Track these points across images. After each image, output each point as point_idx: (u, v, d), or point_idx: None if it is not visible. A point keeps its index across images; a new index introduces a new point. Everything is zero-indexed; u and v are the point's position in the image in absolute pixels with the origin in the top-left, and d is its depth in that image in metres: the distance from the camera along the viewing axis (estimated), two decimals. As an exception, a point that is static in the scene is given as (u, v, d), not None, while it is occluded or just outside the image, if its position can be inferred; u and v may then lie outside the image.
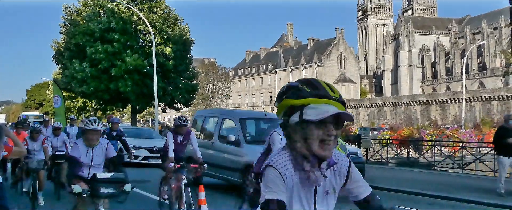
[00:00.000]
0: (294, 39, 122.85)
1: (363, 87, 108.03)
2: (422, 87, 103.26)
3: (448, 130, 25.08)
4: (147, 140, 17.98)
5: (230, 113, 12.66)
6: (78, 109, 54.97)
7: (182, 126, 7.35)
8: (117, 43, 30.87)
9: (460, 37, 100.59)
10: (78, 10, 34.40)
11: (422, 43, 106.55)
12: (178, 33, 33.68)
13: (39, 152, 9.01)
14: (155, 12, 33.11)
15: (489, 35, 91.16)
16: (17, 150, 4.29)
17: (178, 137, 7.46)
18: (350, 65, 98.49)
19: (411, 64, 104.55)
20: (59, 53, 35.34)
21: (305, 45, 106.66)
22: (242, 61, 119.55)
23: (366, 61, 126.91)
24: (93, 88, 31.35)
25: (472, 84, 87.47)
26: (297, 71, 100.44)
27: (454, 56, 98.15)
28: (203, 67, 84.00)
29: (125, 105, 37.79)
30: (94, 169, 5.29)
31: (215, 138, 11.00)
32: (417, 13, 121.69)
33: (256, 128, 11.08)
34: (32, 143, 8.97)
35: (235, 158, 9.96)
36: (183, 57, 34.49)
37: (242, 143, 10.01)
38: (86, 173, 5.27)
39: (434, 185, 12.16)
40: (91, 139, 5.25)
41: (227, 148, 10.40)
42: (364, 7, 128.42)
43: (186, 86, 35.09)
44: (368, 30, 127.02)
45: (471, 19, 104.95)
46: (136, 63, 30.59)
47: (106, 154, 5.38)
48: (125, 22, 31.60)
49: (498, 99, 69.87)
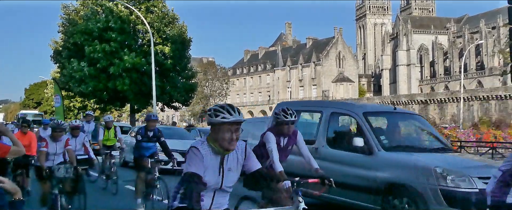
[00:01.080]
0: (293, 38, 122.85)
1: (362, 86, 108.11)
2: (420, 86, 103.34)
3: (446, 129, 25.13)
4: (180, 142, 14.72)
5: (345, 106, 8.84)
6: (78, 108, 55.02)
7: (288, 123, 5.14)
8: (115, 42, 30.85)
9: (459, 36, 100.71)
10: (77, 10, 34.36)
11: (420, 42, 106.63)
12: (176, 32, 33.66)
13: (58, 156, 7.43)
14: (153, 11, 33.09)
15: (487, 34, 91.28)
16: (16, 150, 4.25)
17: (281, 139, 5.33)
18: (348, 64, 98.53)
19: (410, 64, 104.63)
20: (58, 52, 35.32)
21: (303, 44, 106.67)
22: (241, 60, 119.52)
23: (365, 60, 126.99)
24: (92, 88, 31.32)
25: (470, 84, 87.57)
26: (296, 70, 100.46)
27: (453, 55, 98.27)
28: (201, 66, 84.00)
29: (124, 104, 37.80)
30: None
31: (321, 141, 7.85)
32: (415, 12, 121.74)
33: (389, 127, 8.25)
34: (53, 144, 7.28)
35: (366, 173, 6.96)
36: (182, 56, 34.49)
37: (377, 150, 6.99)
38: None
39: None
40: None
41: (347, 157, 7.35)
42: (363, 7, 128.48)
43: (184, 85, 35.09)
44: (367, 29, 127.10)
45: (470, 19, 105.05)
46: (134, 61, 30.57)
47: None
48: (123, 22, 31.57)
49: (496, 98, 69.96)
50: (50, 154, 7.24)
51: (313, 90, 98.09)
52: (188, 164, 2.86)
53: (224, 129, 2.86)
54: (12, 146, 4.24)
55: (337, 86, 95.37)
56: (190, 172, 2.82)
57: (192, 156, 2.87)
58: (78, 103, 54.46)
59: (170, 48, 32.61)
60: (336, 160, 7.32)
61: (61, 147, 7.35)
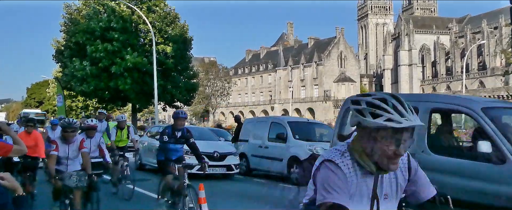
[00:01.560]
0: (294, 38, 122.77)
1: (363, 87, 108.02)
2: (422, 86, 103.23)
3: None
4: (206, 143, 13.07)
5: (451, 100, 7.02)
6: (80, 108, 55.09)
7: None
8: (117, 41, 30.86)
9: (460, 36, 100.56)
10: (79, 9, 34.37)
11: (422, 42, 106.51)
12: (178, 32, 33.67)
13: (73, 160, 6.45)
14: (154, 11, 33.09)
15: (489, 34, 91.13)
16: (17, 149, 4.25)
17: None
18: (350, 64, 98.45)
19: (411, 64, 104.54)
20: (59, 51, 35.35)
21: (305, 44, 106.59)
22: (242, 60, 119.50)
23: (366, 60, 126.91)
24: (93, 87, 31.33)
25: (472, 84, 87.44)
26: (297, 70, 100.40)
27: (454, 55, 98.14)
28: (203, 66, 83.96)
29: (125, 103, 37.80)
30: None
31: (421, 146, 6.08)
32: (417, 12, 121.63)
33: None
34: (64, 146, 6.31)
35: (495, 189, 5.24)
36: (183, 56, 34.49)
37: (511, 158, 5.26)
38: None
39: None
40: None
41: (463, 167, 5.68)
42: (364, 6, 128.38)
43: (186, 84, 35.09)
44: (368, 29, 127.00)
45: (471, 19, 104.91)
46: (136, 61, 30.58)
47: None
48: (125, 21, 31.57)
49: (498, 98, 69.85)
50: (62, 158, 6.33)
51: (314, 90, 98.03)
52: (326, 189, 1.74)
53: (386, 137, 1.75)
54: (14, 145, 4.24)
55: (339, 86, 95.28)
56: (333, 203, 1.73)
57: (331, 177, 1.76)
58: (80, 103, 54.49)
59: (172, 48, 32.62)
60: (445, 170, 5.62)
61: (74, 150, 6.36)
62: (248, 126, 15.43)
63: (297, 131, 13.14)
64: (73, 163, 6.46)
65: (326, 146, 11.26)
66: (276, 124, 13.88)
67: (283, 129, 13.21)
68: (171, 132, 7.24)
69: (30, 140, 7.94)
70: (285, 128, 13.20)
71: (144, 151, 14.19)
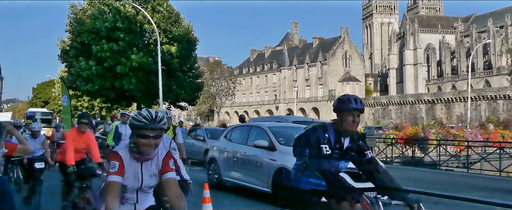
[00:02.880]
0: (299, 38, 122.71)
1: (368, 86, 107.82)
2: (427, 86, 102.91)
3: (453, 129, 24.97)
4: None
5: None
6: (85, 108, 55.30)
7: None
8: (123, 41, 30.99)
9: (466, 35, 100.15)
10: (84, 9, 34.50)
11: (427, 41, 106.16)
12: (182, 32, 33.77)
13: None
14: (158, 11, 33.18)
15: (495, 33, 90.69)
16: (22, 148, 4.30)
17: None
18: (355, 63, 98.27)
19: (417, 63, 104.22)
20: (65, 51, 35.49)
21: (310, 44, 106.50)
22: (247, 60, 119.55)
23: (371, 59, 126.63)
24: (98, 86, 31.47)
25: (477, 83, 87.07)
26: (302, 70, 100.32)
27: (460, 54, 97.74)
28: (208, 66, 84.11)
29: (130, 103, 37.94)
30: None
31: None
32: (422, 11, 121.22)
33: None
34: None
35: None
36: (188, 55, 34.60)
37: None
38: None
39: (439, 184, 12.13)
40: None
41: None
42: (369, 6, 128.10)
43: (191, 84, 35.19)
44: (373, 28, 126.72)
45: (477, 18, 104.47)
46: (141, 60, 30.69)
47: None
48: (130, 21, 31.69)
49: (504, 98, 69.55)
50: None
51: (319, 89, 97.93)
52: None
53: None
54: (19, 145, 4.29)
55: (344, 85, 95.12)
56: None
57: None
58: (85, 103, 54.72)
59: (177, 48, 32.72)
60: None
61: None
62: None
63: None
64: None
65: None
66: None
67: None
68: (335, 138, 3.59)
69: (81, 142, 6.84)
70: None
71: (224, 161, 10.73)
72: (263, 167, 9.06)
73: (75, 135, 6.79)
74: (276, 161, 8.74)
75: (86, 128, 6.83)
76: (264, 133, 9.69)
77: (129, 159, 2.86)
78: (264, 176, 8.95)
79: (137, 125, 2.79)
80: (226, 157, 10.53)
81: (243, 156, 9.86)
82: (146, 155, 2.86)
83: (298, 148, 3.62)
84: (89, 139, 6.86)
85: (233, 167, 10.17)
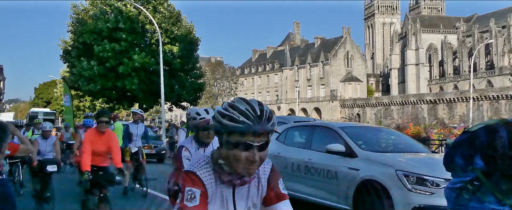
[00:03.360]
0: (301, 38, 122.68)
1: (370, 86, 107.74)
2: (429, 86, 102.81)
3: (455, 129, 24.90)
4: None
5: None
6: (87, 108, 55.37)
7: None
8: (125, 42, 31.05)
9: (468, 35, 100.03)
10: (86, 9, 34.55)
11: (429, 41, 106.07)
12: (183, 32, 33.82)
13: None
14: (159, 11, 33.22)
15: (497, 33, 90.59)
16: (24, 148, 4.29)
17: None
18: (356, 64, 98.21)
19: (418, 63, 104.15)
20: (67, 51, 35.55)
21: (311, 44, 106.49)
22: (249, 60, 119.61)
23: (373, 59, 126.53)
24: (100, 86, 31.53)
25: (479, 83, 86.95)
26: (304, 70, 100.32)
27: (462, 54, 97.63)
28: (209, 66, 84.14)
29: (132, 103, 38.00)
30: None
31: None
32: (424, 11, 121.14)
33: None
34: None
35: None
36: (190, 56, 34.63)
37: None
38: None
39: None
40: None
41: None
42: (371, 6, 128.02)
43: (192, 84, 35.24)
44: (375, 28, 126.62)
45: (479, 18, 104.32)
46: (143, 61, 30.75)
47: None
48: (132, 22, 31.74)
49: (506, 98, 69.42)
50: None
51: (321, 89, 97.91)
52: None
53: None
54: (21, 145, 4.28)
55: (345, 85, 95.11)
56: None
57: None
58: (87, 103, 54.79)
59: (178, 48, 32.76)
60: None
61: None
62: None
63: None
64: None
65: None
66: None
67: None
68: None
69: (101, 144, 6.14)
70: None
71: (279, 170, 6.08)
72: (339, 178, 7.30)
73: (94, 136, 6.11)
74: (358, 171, 6.99)
75: (107, 127, 6.16)
76: (336, 135, 7.93)
77: (213, 184, 1.73)
78: (341, 189, 7.22)
79: (233, 128, 1.64)
80: (282, 164, 8.35)
81: (307, 164, 8.04)
82: (246, 176, 1.73)
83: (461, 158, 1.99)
84: (111, 140, 6.16)
85: (293, 177, 8.15)
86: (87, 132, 6.52)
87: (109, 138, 6.14)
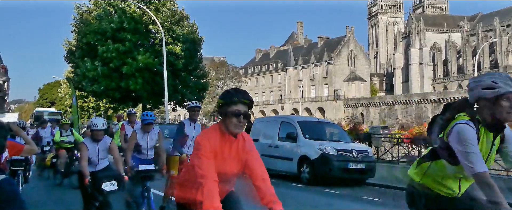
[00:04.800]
0: (304, 38, 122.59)
1: (374, 85, 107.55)
2: (433, 85, 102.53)
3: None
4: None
5: None
6: (91, 108, 55.52)
7: None
8: (129, 42, 31.06)
9: (472, 34, 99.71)
10: (90, 10, 34.57)
11: (433, 41, 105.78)
12: (186, 32, 33.80)
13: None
14: (161, 10, 33.19)
15: (501, 32, 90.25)
16: (28, 148, 4.28)
17: None
18: (360, 63, 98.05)
19: (422, 62, 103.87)
20: (71, 52, 35.58)
21: (315, 43, 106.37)
22: (252, 60, 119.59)
23: (377, 59, 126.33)
24: (104, 87, 31.55)
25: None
26: (307, 70, 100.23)
27: (466, 53, 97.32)
28: (213, 66, 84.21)
29: (136, 104, 38.03)
30: None
31: None
32: (428, 10, 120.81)
33: None
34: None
35: None
36: (193, 56, 34.62)
37: None
38: None
39: None
40: None
41: None
42: (375, 5, 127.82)
43: (196, 84, 35.23)
44: (379, 28, 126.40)
45: (483, 17, 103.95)
46: (147, 61, 30.76)
47: None
48: (136, 22, 31.75)
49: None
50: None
51: (324, 89, 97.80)
52: None
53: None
54: (25, 145, 4.27)
55: (349, 85, 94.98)
56: None
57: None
58: (91, 103, 54.93)
59: (181, 48, 32.76)
60: None
61: None
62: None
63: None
64: None
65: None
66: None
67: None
68: None
69: None
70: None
71: None
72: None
73: None
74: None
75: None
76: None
77: None
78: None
79: None
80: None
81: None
82: None
83: None
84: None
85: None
86: (132, 135, 6.58)
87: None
